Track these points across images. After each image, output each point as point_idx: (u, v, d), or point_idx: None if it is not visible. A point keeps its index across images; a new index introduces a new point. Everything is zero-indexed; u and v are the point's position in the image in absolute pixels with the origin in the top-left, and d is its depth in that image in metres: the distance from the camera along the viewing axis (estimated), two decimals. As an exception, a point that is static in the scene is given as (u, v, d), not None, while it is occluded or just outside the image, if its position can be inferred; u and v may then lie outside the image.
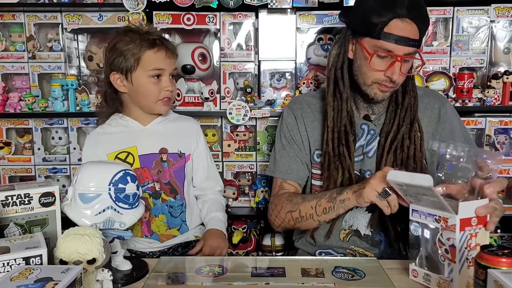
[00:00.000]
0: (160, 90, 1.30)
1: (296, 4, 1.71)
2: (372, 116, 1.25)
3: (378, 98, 1.17)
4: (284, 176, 1.29)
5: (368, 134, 1.24)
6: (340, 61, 1.20)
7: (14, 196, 0.91)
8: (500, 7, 1.71)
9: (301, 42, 1.84)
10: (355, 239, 1.24)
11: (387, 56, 1.10)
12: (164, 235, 1.36)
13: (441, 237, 0.86)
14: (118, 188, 0.94)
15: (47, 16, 1.79)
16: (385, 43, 1.08)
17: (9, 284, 0.64)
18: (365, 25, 1.10)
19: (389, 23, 1.06)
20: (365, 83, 1.16)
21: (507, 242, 1.88)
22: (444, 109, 1.26)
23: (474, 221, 0.84)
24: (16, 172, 1.85)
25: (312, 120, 1.29)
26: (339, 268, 0.99)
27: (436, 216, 0.86)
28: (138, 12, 1.71)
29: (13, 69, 1.81)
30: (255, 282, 0.92)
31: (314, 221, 1.17)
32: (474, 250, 0.84)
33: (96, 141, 1.36)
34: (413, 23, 1.07)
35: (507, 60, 1.79)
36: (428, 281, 0.90)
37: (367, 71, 1.14)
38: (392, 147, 1.18)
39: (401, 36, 1.07)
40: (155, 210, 1.35)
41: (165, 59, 1.30)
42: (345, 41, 1.19)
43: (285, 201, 1.23)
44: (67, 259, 0.78)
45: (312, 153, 1.29)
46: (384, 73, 1.11)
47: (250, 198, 1.86)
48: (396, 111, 1.21)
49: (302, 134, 1.29)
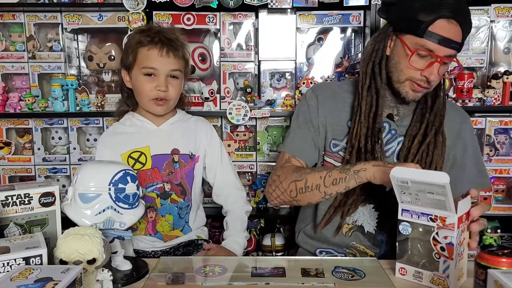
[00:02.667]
0: (151, 89, 1.29)
1: (296, 4, 1.71)
2: (395, 117, 1.24)
3: (409, 97, 1.15)
4: (294, 152, 1.25)
5: (389, 133, 1.22)
6: (379, 56, 1.17)
7: (14, 196, 0.91)
8: (500, 7, 1.71)
9: (301, 42, 1.84)
10: (358, 235, 1.23)
11: (427, 56, 1.09)
12: (168, 235, 1.36)
13: (436, 236, 0.87)
14: (118, 188, 0.94)
15: (47, 16, 1.79)
16: (428, 42, 1.06)
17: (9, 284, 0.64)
18: (410, 22, 1.08)
19: (435, 23, 1.05)
20: (399, 80, 1.14)
21: (507, 242, 1.88)
22: (465, 126, 1.26)
23: (464, 217, 0.87)
24: (16, 172, 1.85)
25: (334, 109, 1.26)
26: (339, 268, 0.98)
27: (431, 215, 0.87)
28: (138, 12, 1.71)
29: (13, 69, 1.82)
30: (255, 282, 0.92)
31: (320, 193, 1.12)
32: (462, 245, 0.89)
33: (110, 143, 1.36)
34: (458, 26, 1.06)
35: (507, 60, 1.80)
36: (419, 278, 0.91)
37: (404, 69, 1.12)
38: (419, 150, 1.17)
39: (445, 37, 1.05)
40: (162, 210, 1.34)
41: (157, 58, 1.27)
42: (385, 36, 1.17)
43: (290, 171, 1.18)
44: (67, 259, 0.78)
45: (328, 141, 1.25)
46: (422, 72, 1.10)
47: (250, 198, 1.86)
48: (425, 114, 1.20)
49: (321, 119, 1.25)
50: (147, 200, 1.32)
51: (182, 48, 1.33)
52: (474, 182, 1.24)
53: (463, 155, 1.24)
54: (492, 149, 1.76)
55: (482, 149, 1.74)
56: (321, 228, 1.24)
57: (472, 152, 1.26)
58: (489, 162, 1.75)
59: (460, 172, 1.23)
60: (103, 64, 1.83)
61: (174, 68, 1.31)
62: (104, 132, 1.49)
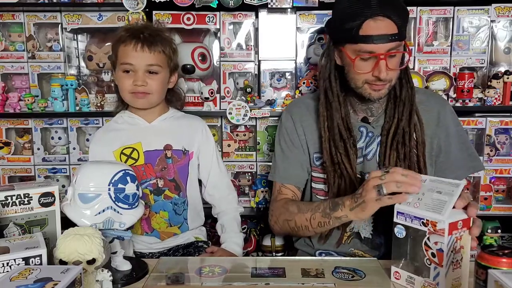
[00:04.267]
0: (130, 85, 1.30)
1: (296, 3, 1.70)
2: (370, 118, 1.25)
3: (374, 97, 1.16)
4: (282, 180, 1.31)
5: (367, 137, 1.23)
6: (327, 71, 1.22)
7: (13, 196, 0.91)
8: (500, 7, 1.71)
9: (301, 42, 1.84)
10: (356, 242, 1.24)
11: (370, 57, 1.10)
12: (165, 232, 1.36)
13: (428, 241, 0.84)
14: (118, 188, 0.94)
15: (46, 16, 1.78)
16: (364, 45, 1.09)
17: (9, 284, 0.64)
18: (342, 32, 1.12)
19: (362, 26, 1.07)
20: (357, 86, 1.17)
21: (507, 242, 1.88)
22: (443, 112, 1.25)
23: (460, 224, 0.84)
24: (15, 172, 1.85)
25: (311, 123, 1.29)
26: (339, 268, 0.98)
27: (423, 219, 0.85)
28: (138, 11, 1.71)
29: (12, 69, 1.81)
30: (255, 283, 0.91)
31: (310, 232, 1.18)
32: (459, 253, 0.84)
33: (102, 140, 1.38)
34: (386, 19, 1.07)
35: (507, 60, 1.79)
36: (411, 284, 0.89)
37: (355, 75, 1.15)
38: (393, 142, 1.18)
39: (377, 35, 1.07)
40: (156, 207, 1.34)
41: (132, 53, 1.27)
42: (330, 51, 1.21)
43: (281, 209, 1.24)
44: (67, 259, 0.78)
45: (311, 156, 1.29)
46: (372, 73, 1.12)
47: (250, 198, 1.85)
48: (395, 108, 1.21)
49: (300, 138, 1.29)
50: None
51: (162, 43, 1.31)
52: (465, 166, 1.24)
53: (447, 141, 1.23)
54: (493, 149, 1.75)
55: (482, 149, 1.74)
56: (322, 243, 1.26)
57: (456, 137, 1.25)
58: (489, 162, 1.75)
59: (446, 159, 1.23)
60: (102, 64, 1.83)
61: (151, 63, 1.29)
62: (97, 130, 1.50)
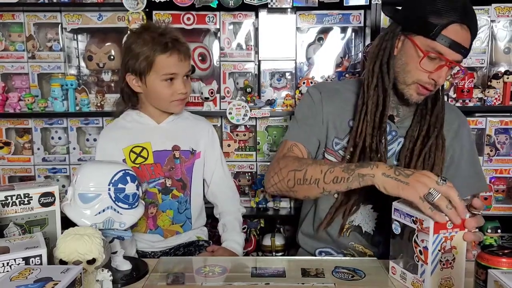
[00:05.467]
0: (173, 93, 1.30)
1: (296, 3, 1.71)
2: (396, 118, 1.23)
3: (412, 100, 1.14)
4: (299, 140, 1.21)
5: (390, 134, 1.21)
6: (386, 55, 1.15)
7: (13, 196, 0.91)
8: (500, 7, 1.71)
9: (301, 41, 1.84)
10: (356, 235, 1.23)
11: (436, 59, 1.08)
12: (168, 230, 1.36)
13: (416, 238, 0.86)
14: (118, 188, 0.94)
15: (46, 16, 1.79)
16: (439, 45, 1.06)
17: (9, 284, 0.64)
18: (422, 24, 1.07)
19: (448, 27, 1.04)
20: (405, 82, 1.14)
21: (507, 242, 1.88)
22: (463, 128, 1.25)
23: (449, 224, 0.84)
24: (15, 172, 1.85)
25: (337, 107, 1.24)
26: (339, 268, 0.98)
27: (413, 217, 0.87)
28: (138, 11, 1.71)
29: (12, 69, 1.81)
30: (255, 282, 0.91)
31: (318, 188, 1.06)
32: (449, 253, 0.85)
33: (110, 136, 1.38)
34: (469, 32, 1.06)
35: (507, 60, 1.80)
36: (404, 279, 0.91)
37: (413, 70, 1.11)
38: (422, 152, 1.16)
39: (456, 42, 1.05)
40: (163, 206, 1.35)
41: (177, 63, 1.29)
42: (393, 36, 1.15)
43: (292, 159, 1.14)
44: (67, 259, 0.78)
45: (331, 139, 1.24)
46: (430, 75, 1.09)
47: (250, 198, 1.85)
48: (425, 116, 1.19)
49: (324, 115, 1.23)
50: (149, 195, 1.33)
51: (188, 48, 1.35)
52: (470, 184, 1.23)
53: (460, 154, 1.24)
54: (493, 149, 1.76)
55: (482, 149, 1.74)
56: (323, 228, 1.24)
57: (469, 153, 1.25)
58: (489, 162, 1.75)
59: (455, 171, 1.23)
60: (102, 64, 1.83)
61: (189, 70, 1.35)
62: (104, 127, 1.50)
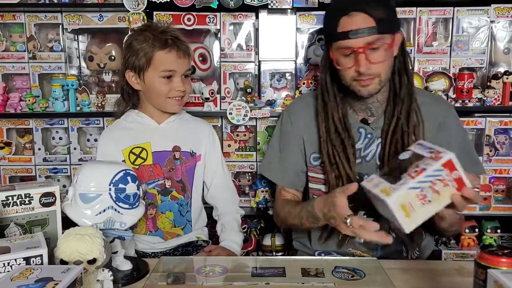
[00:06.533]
0: (170, 90, 1.30)
1: (296, 4, 1.71)
2: (370, 119, 1.25)
3: (363, 94, 1.17)
4: (281, 183, 1.36)
5: (366, 138, 1.23)
6: (324, 71, 1.25)
7: (14, 196, 0.91)
8: (500, 7, 1.71)
9: (301, 42, 1.84)
10: (354, 242, 1.23)
11: (351, 53, 1.13)
12: (169, 233, 1.36)
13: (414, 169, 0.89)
14: (119, 188, 0.94)
15: (47, 16, 1.79)
16: (341, 42, 1.12)
17: (10, 284, 0.64)
18: (327, 33, 1.21)
19: (338, 24, 1.11)
20: (347, 83, 1.18)
21: (507, 242, 1.88)
22: (448, 119, 1.25)
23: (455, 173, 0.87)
24: (16, 172, 1.85)
25: (310, 121, 1.29)
26: (339, 268, 0.99)
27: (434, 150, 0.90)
28: (138, 12, 1.71)
29: (13, 69, 1.82)
30: (255, 282, 0.92)
31: (308, 229, 1.24)
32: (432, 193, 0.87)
33: (111, 137, 1.38)
34: (361, 13, 1.09)
35: (507, 60, 1.79)
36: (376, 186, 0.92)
37: (342, 71, 1.18)
38: (392, 143, 1.19)
39: (351, 30, 1.09)
40: (162, 207, 1.35)
41: (176, 60, 1.29)
42: (327, 51, 1.23)
43: (280, 209, 1.32)
44: (68, 259, 0.78)
45: (309, 156, 1.29)
46: (355, 68, 1.13)
47: (250, 198, 1.85)
48: (394, 107, 1.21)
49: (298, 138, 1.31)
50: (148, 196, 1.33)
51: (189, 47, 1.35)
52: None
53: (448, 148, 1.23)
54: (492, 149, 1.76)
55: (482, 149, 1.74)
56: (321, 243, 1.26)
57: (459, 145, 1.23)
58: (489, 162, 1.75)
59: None
60: (103, 65, 1.83)
61: (188, 68, 1.34)
62: (105, 128, 1.50)
